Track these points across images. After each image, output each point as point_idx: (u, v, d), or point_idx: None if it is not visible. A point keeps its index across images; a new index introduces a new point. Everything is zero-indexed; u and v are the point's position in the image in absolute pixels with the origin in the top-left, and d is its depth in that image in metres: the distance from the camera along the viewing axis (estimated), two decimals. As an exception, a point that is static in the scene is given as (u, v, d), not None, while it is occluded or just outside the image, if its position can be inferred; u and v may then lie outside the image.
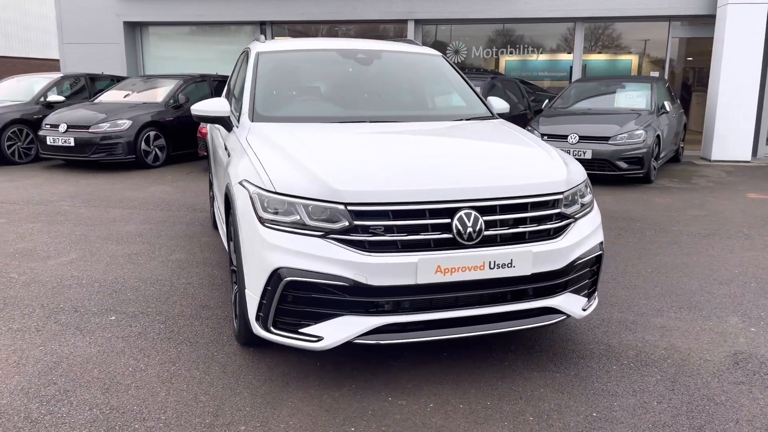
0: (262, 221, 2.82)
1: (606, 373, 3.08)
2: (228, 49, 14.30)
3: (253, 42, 4.61)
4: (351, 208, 2.69)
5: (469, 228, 2.75)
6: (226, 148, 3.90)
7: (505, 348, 3.35)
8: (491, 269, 2.77)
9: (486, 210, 2.81)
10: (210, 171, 5.68)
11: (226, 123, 3.89)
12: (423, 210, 2.74)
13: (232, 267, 3.42)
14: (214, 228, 5.91)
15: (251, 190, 2.92)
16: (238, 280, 3.06)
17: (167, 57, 15.10)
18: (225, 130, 4.02)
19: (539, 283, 2.91)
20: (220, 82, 11.68)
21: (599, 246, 3.19)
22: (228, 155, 3.71)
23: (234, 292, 3.32)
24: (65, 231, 5.93)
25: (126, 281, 4.45)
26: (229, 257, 3.56)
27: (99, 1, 14.45)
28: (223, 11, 13.94)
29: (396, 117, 3.87)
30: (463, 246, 2.76)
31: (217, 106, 3.87)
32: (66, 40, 14.84)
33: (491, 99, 4.41)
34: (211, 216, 5.94)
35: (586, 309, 3.14)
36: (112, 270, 4.72)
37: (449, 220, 2.75)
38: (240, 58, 4.93)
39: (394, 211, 2.72)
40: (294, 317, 2.78)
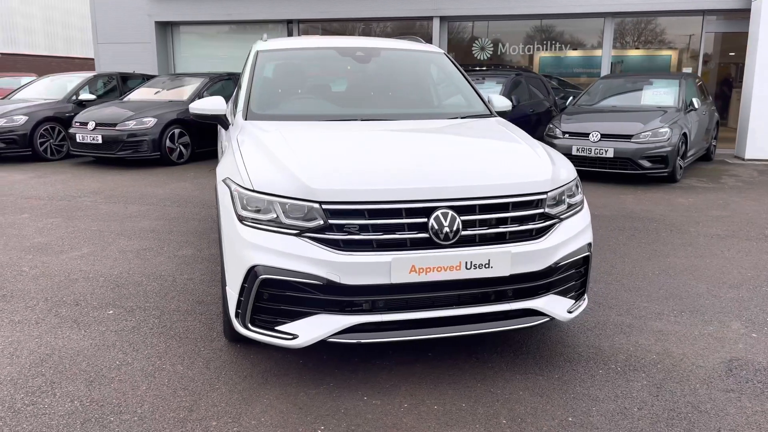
0: (240, 219, 2.84)
1: (590, 378, 3.01)
2: (256, 48, 14.46)
3: (257, 41, 4.65)
4: (326, 206, 2.69)
5: (446, 228, 2.72)
6: (223, 146, 3.96)
7: (492, 349, 3.31)
8: (468, 269, 2.74)
9: (464, 210, 2.78)
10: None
11: (222, 121, 3.94)
12: (399, 209, 2.73)
13: None
14: (224, 224, 5.99)
15: (232, 187, 2.95)
16: (221, 277, 3.10)
17: (197, 56, 15.36)
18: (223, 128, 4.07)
19: (519, 285, 2.87)
20: (245, 80, 11.81)
21: (587, 247, 3.12)
22: (223, 153, 3.76)
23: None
24: (82, 226, 6.09)
25: (130, 276, 4.55)
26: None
27: (131, 2, 14.79)
28: (251, 10, 14.11)
29: (389, 115, 3.86)
30: (440, 246, 2.73)
31: (214, 104, 3.92)
32: (100, 40, 15.23)
33: (493, 97, 4.36)
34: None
35: (572, 311, 3.07)
36: (119, 265, 4.83)
37: (426, 219, 2.73)
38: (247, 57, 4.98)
39: (369, 210, 2.71)
40: (270, 315, 2.80)
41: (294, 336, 2.74)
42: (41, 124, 10.84)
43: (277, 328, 2.79)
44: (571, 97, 10.70)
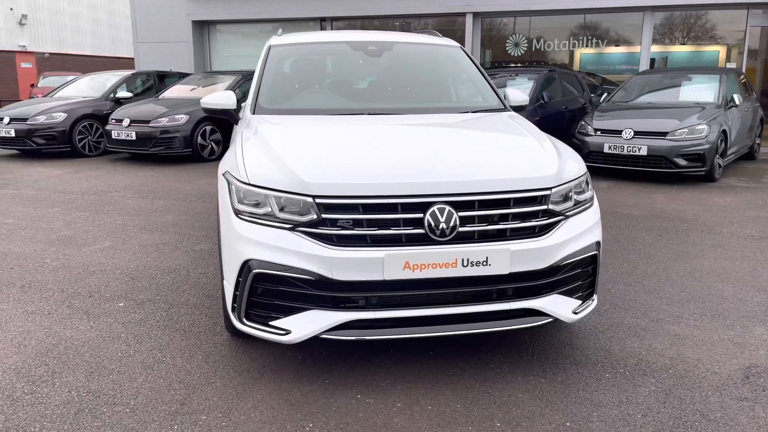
0: (237, 213, 2.83)
1: (595, 381, 2.89)
2: (290, 46, 14.57)
3: (272, 36, 4.65)
4: (319, 200, 2.65)
5: (442, 223, 2.65)
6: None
7: (495, 349, 3.21)
8: (464, 267, 2.66)
9: (462, 205, 2.70)
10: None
11: (232, 116, 3.94)
12: (394, 204, 2.66)
13: None
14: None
15: (230, 181, 2.94)
16: (220, 271, 3.09)
17: (232, 54, 15.56)
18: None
19: (519, 283, 2.77)
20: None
21: (595, 245, 2.99)
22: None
23: None
24: (108, 220, 6.21)
25: (146, 269, 4.60)
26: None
27: (170, 2, 15.06)
28: (284, 8, 14.20)
29: (398, 109, 3.79)
30: (436, 242, 2.66)
31: (224, 99, 3.93)
32: (140, 39, 15.57)
33: (509, 91, 4.24)
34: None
35: (578, 312, 2.95)
36: (137, 258, 4.89)
37: (422, 215, 2.66)
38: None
39: (363, 205, 2.65)
40: (264, 309, 2.77)
41: (287, 331, 2.71)
42: (80, 121, 11.14)
43: (271, 323, 2.76)
44: (605, 94, 10.42)
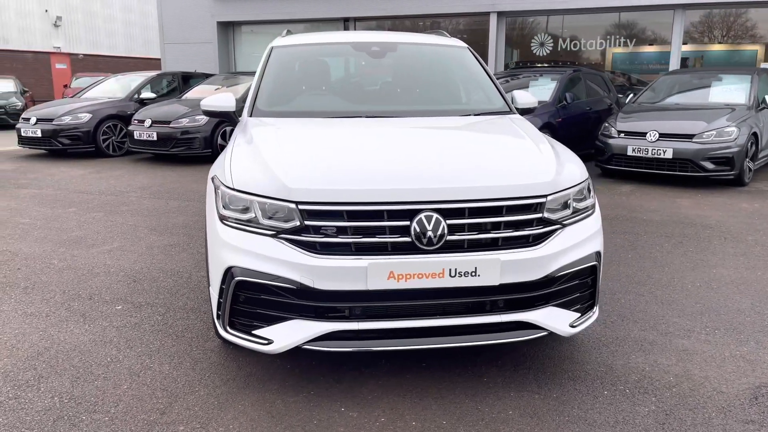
0: (221, 218, 2.76)
1: (592, 399, 2.75)
2: (313, 46, 14.58)
3: (277, 37, 4.59)
4: (302, 207, 2.57)
5: (429, 232, 2.54)
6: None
7: (491, 362, 3.09)
8: (452, 277, 2.55)
9: (452, 213, 2.59)
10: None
11: (231, 118, 3.89)
12: (380, 211, 2.57)
13: None
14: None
15: (217, 185, 2.88)
16: (207, 278, 3.04)
17: (257, 54, 15.61)
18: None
19: (511, 295, 2.65)
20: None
21: (595, 256, 2.85)
22: (228, 150, 3.70)
23: None
24: (120, 221, 6.24)
25: (149, 272, 4.59)
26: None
27: (196, 3, 15.21)
28: (308, 9, 14.21)
29: (397, 112, 3.69)
30: (423, 251, 2.55)
31: (223, 101, 3.88)
32: (166, 40, 15.76)
33: (517, 93, 4.10)
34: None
35: (575, 326, 2.81)
36: (142, 260, 4.89)
37: (408, 222, 2.56)
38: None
39: (348, 212, 2.56)
40: (247, 318, 2.70)
41: (269, 341, 2.64)
42: (104, 121, 11.29)
43: (254, 332, 2.69)
44: (631, 95, 10.13)
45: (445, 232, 2.56)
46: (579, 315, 2.85)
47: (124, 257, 4.97)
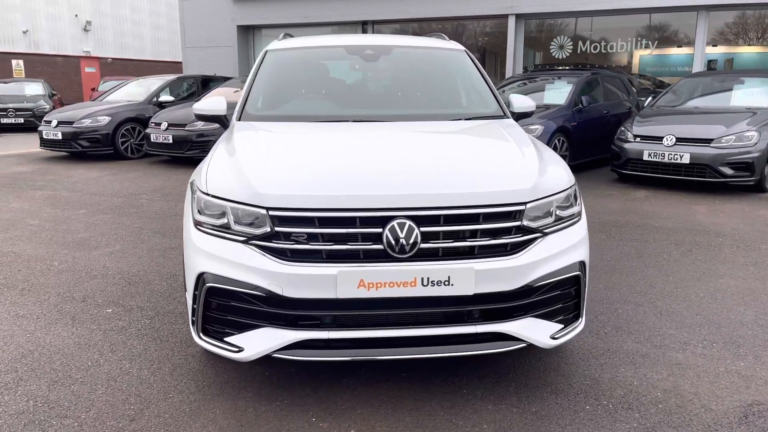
0: (196, 224, 2.74)
1: (572, 414, 2.66)
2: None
3: (273, 41, 4.57)
4: (273, 213, 2.53)
5: (402, 239, 2.48)
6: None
7: (473, 372, 3.01)
8: (425, 286, 2.48)
9: (426, 220, 2.52)
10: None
11: (222, 122, 3.88)
12: (353, 218, 2.51)
13: None
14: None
15: (194, 190, 2.86)
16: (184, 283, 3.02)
17: (276, 58, 15.70)
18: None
19: (487, 305, 2.57)
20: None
21: (578, 266, 2.75)
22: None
23: None
24: (126, 223, 6.29)
25: (145, 274, 4.60)
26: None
27: (216, 8, 15.36)
28: (327, 12, 14.24)
29: (385, 116, 3.62)
30: (395, 259, 2.49)
31: (215, 104, 3.87)
32: (188, 44, 15.94)
33: (513, 97, 4.01)
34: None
35: (557, 337, 2.72)
36: (141, 263, 4.91)
37: (381, 229, 2.50)
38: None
39: (320, 218, 2.51)
40: (220, 325, 2.67)
41: (240, 349, 2.60)
42: (123, 124, 11.45)
43: (226, 339, 2.65)
44: (650, 98, 9.91)
45: (419, 239, 2.49)
46: (562, 326, 2.76)
47: (123, 259, 5.00)
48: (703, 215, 6.61)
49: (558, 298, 2.74)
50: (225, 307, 2.63)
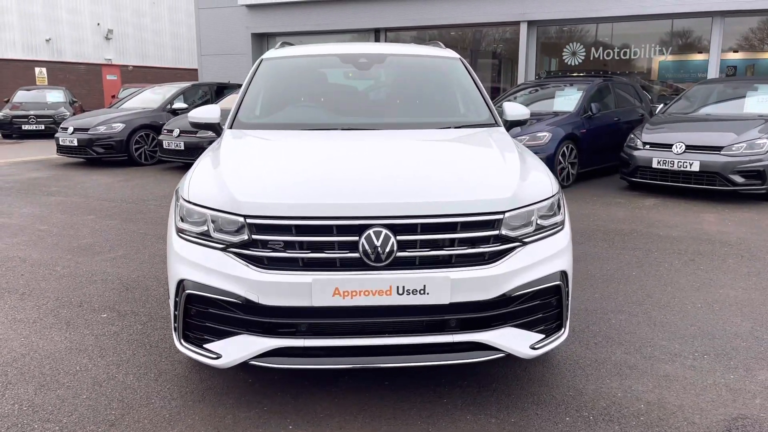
0: (178, 231, 2.77)
1: (551, 425, 2.63)
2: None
3: (270, 50, 4.61)
4: (250, 220, 2.55)
5: (378, 248, 2.48)
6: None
7: (456, 381, 2.99)
8: (400, 295, 2.48)
9: (403, 229, 2.52)
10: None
11: (216, 130, 3.92)
12: (329, 226, 2.52)
13: None
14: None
15: (177, 197, 2.89)
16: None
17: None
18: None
19: (464, 314, 2.56)
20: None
21: (559, 275, 2.73)
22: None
23: None
24: (132, 228, 6.38)
25: (144, 280, 4.66)
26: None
27: (231, 16, 15.54)
28: (339, 20, 14.32)
29: (374, 125, 3.63)
30: (371, 267, 2.49)
31: (208, 113, 3.92)
32: (203, 52, 16.14)
33: (507, 105, 3.99)
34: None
35: (537, 347, 2.69)
36: (142, 268, 4.97)
37: (357, 238, 2.50)
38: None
39: (297, 226, 2.53)
40: (199, 332, 2.69)
41: (218, 355, 2.62)
42: (137, 131, 11.62)
43: (205, 345, 2.67)
44: (661, 105, 9.81)
45: (395, 248, 2.49)
46: (543, 337, 2.73)
47: (124, 265, 5.06)
48: (711, 224, 6.51)
49: (538, 307, 2.71)
50: (204, 314, 2.65)
